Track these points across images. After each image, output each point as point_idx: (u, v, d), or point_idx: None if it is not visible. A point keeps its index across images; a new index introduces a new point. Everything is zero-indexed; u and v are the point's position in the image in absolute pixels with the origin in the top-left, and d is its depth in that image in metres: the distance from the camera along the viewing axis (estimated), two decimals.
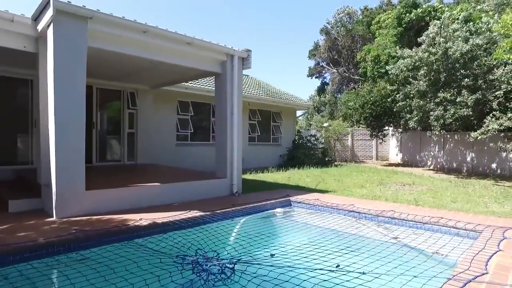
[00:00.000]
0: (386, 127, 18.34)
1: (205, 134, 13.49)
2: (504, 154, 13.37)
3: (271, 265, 3.43)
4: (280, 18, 57.94)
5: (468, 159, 14.81)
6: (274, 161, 16.21)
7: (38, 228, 4.38)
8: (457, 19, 13.88)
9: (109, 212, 5.25)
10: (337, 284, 3.01)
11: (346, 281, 3.05)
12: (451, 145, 15.62)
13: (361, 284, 2.98)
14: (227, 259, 3.61)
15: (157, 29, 5.75)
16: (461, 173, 14.46)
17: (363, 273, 3.14)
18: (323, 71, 33.80)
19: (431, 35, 12.85)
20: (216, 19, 59.01)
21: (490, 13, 12.71)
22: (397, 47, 15.88)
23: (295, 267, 3.44)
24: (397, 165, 17.80)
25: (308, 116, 32.60)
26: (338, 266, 3.39)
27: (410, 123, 14.27)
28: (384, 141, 19.47)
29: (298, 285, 3.01)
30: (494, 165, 13.86)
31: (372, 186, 9.56)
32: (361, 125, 20.97)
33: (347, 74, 30.57)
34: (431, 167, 16.48)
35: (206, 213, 5.37)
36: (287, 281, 3.05)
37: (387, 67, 15.59)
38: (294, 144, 17.43)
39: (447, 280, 2.79)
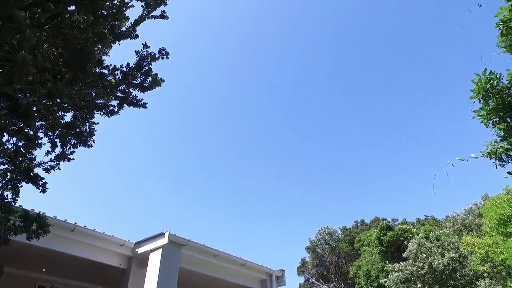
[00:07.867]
0: None
1: None
2: None
3: None
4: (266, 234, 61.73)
5: None
6: None
7: None
8: (428, 237, 16.84)
9: None
10: None
11: None
12: None
13: None
14: None
15: (224, 254, 7.58)
16: None
17: None
18: (314, 287, 33.91)
19: (413, 251, 15.29)
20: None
21: (451, 236, 16.08)
22: (386, 261, 17.98)
23: None
24: None
25: None
26: None
27: None
28: None
29: None
30: None
31: None
32: None
33: None
34: None
35: None
36: None
37: (380, 281, 17.06)
38: None
39: None
